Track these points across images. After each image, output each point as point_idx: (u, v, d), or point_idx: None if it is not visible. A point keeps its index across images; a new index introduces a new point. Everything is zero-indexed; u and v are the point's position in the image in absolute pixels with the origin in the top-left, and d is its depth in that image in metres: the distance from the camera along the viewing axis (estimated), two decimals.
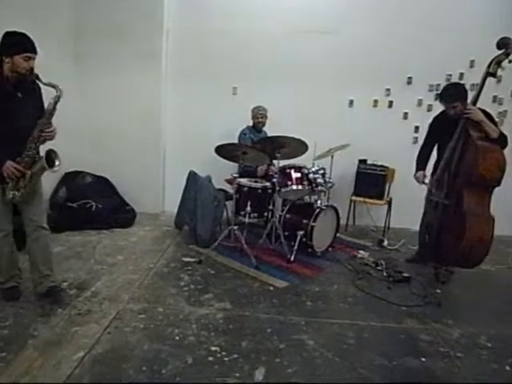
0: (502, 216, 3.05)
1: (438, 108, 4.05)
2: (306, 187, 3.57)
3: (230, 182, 3.84)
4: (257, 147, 3.45)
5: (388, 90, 4.66)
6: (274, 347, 2.21)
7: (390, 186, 4.59)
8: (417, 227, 3.57)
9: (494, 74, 2.88)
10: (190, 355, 2.07)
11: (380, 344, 2.33)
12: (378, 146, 4.57)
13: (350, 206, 4.61)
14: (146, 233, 4.00)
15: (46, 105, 2.39)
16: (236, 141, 4.17)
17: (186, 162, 4.28)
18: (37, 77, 2.29)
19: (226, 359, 2.07)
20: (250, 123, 4.34)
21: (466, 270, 3.19)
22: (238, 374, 1.96)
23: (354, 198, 4.51)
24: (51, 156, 2.33)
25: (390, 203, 4.46)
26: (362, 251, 3.80)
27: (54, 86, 2.34)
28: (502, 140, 2.93)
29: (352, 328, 2.47)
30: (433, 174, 3.30)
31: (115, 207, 4.17)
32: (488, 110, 3.05)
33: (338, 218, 3.84)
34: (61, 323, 2.25)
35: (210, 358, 2.06)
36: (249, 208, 3.53)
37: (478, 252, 2.82)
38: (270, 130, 4.39)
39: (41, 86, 2.38)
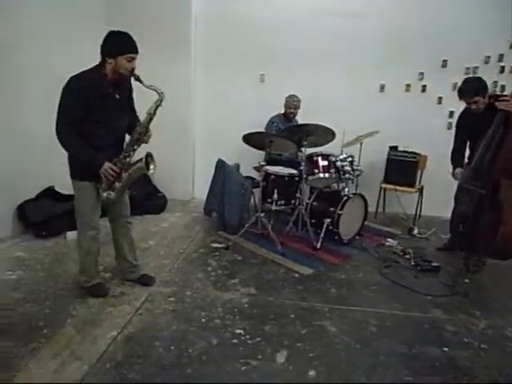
0: None
1: None
2: (333, 175, 3.56)
3: (257, 169, 3.89)
4: (283, 135, 3.46)
5: (421, 73, 4.50)
6: (296, 332, 2.27)
7: (421, 174, 4.48)
8: (449, 215, 3.49)
9: None
10: (215, 337, 2.18)
11: (402, 332, 2.34)
12: (411, 132, 4.46)
13: (380, 193, 4.54)
14: (177, 219, 4.15)
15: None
16: (263, 128, 4.19)
17: (215, 149, 4.31)
18: (138, 78, 2.28)
19: (249, 342, 2.16)
20: (281, 111, 4.30)
21: (498, 261, 3.11)
22: (260, 357, 2.04)
23: (384, 185, 4.44)
24: (148, 159, 2.37)
25: (421, 191, 4.37)
26: (390, 239, 3.77)
27: (155, 90, 2.32)
28: None
29: (375, 316, 2.49)
30: (468, 163, 3.21)
31: (148, 194, 4.33)
32: None
33: (366, 206, 3.81)
34: (96, 304, 2.42)
35: (234, 341, 2.16)
36: (276, 195, 3.57)
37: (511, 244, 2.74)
38: (299, 117, 4.38)
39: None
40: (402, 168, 4.31)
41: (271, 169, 3.68)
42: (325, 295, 2.73)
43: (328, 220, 3.53)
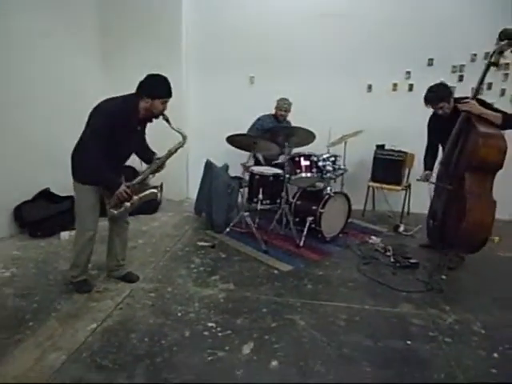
0: None
1: (461, 90, 4.01)
2: (315, 174, 3.66)
3: (245, 168, 4.01)
4: (266, 137, 3.58)
5: (408, 72, 4.57)
6: (266, 325, 2.39)
7: (409, 172, 4.55)
8: None
9: (496, 64, 2.93)
10: (188, 329, 2.32)
11: (370, 326, 2.44)
12: (399, 130, 4.52)
13: (368, 191, 4.62)
14: (168, 218, 4.31)
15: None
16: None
17: (208, 150, 4.45)
18: (167, 120, 2.54)
19: (219, 334, 2.29)
20: (272, 112, 4.41)
21: (479, 257, 3.20)
22: (227, 348, 2.17)
23: (371, 183, 4.52)
24: (161, 188, 2.69)
25: (409, 189, 4.44)
26: (373, 237, 3.85)
27: (181, 133, 2.61)
28: (509, 122, 2.91)
29: (345, 311, 2.60)
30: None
31: (155, 200, 4.47)
32: (482, 98, 3.11)
33: (349, 205, 3.90)
34: (81, 299, 2.58)
35: (206, 333, 2.29)
36: (261, 195, 3.70)
37: (478, 234, 2.84)
38: (290, 117, 4.49)
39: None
40: (389, 166, 4.38)
41: (256, 169, 3.80)
42: (300, 291, 2.84)
43: (310, 218, 3.63)
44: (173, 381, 1.90)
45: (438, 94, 3.13)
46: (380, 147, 4.51)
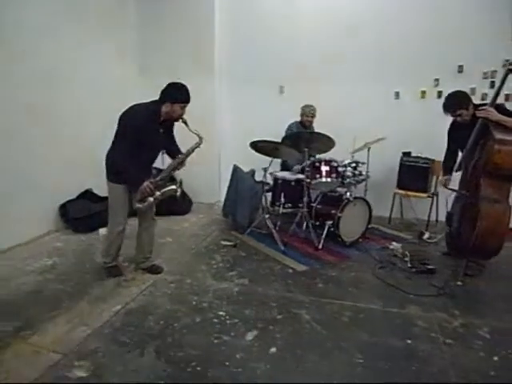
0: None
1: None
2: (335, 180, 3.77)
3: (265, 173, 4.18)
4: (287, 143, 3.75)
5: (436, 80, 4.55)
6: (271, 317, 2.56)
7: (436, 179, 4.50)
8: None
9: None
10: (200, 316, 2.54)
11: (372, 324, 2.52)
12: (426, 138, 4.50)
13: (394, 198, 4.63)
14: (198, 220, 4.60)
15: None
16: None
17: (240, 156, 4.64)
18: (185, 122, 2.84)
19: (228, 322, 2.49)
20: (298, 119, 4.60)
21: (504, 266, 3.25)
22: (233, 334, 2.36)
23: (396, 190, 4.53)
24: (180, 185, 2.97)
25: (436, 196, 4.40)
26: (394, 243, 3.86)
27: (197, 135, 2.90)
28: None
29: (351, 309, 2.69)
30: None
31: (175, 197, 4.82)
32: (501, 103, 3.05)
33: (370, 210, 3.95)
34: (110, 285, 2.90)
35: (215, 320, 2.51)
36: (282, 199, 3.88)
37: (491, 241, 2.80)
38: (316, 124, 4.64)
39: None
40: (415, 174, 4.38)
41: (279, 174, 4.00)
42: (310, 289, 2.97)
43: (330, 222, 3.74)
44: (178, 357, 2.13)
45: (455, 102, 3.13)
46: (406, 154, 4.52)
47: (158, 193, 2.84)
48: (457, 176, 3.42)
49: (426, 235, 4.12)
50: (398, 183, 4.53)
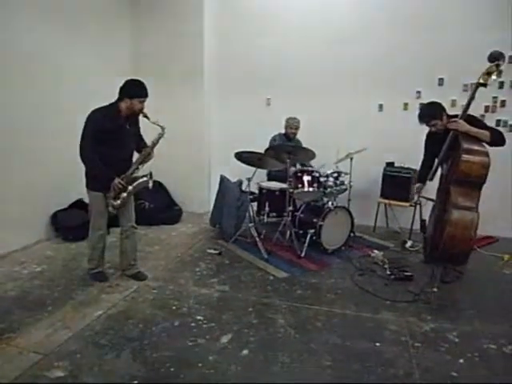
0: None
1: (474, 108, 4.09)
2: (317, 189, 3.89)
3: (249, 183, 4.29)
4: (270, 154, 3.88)
5: (418, 92, 4.70)
6: (247, 321, 2.65)
7: None
8: None
9: (484, 85, 3.02)
10: (178, 320, 2.64)
11: (343, 328, 2.61)
12: (409, 148, 4.61)
13: (378, 208, 4.73)
14: (187, 229, 4.71)
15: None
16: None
17: (229, 166, 4.74)
18: (146, 115, 2.99)
19: (204, 326, 2.58)
20: (283, 131, 4.75)
21: (482, 273, 3.38)
22: (208, 337, 2.45)
23: (380, 199, 4.64)
24: (151, 176, 3.08)
25: (419, 205, 4.49)
26: (376, 251, 3.95)
27: (159, 125, 3.04)
28: (497, 139, 3.01)
29: (326, 314, 2.78)
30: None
31: (165, 207, 4.96)
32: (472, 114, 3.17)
33: (352, 219, 4.05)
34: (94, 292, 3.00)
35: (193, 324, 2.60)
36: (267, 208, 4.01)
37: (458, 247, 2.88)
38: (302, 136, 4.79)
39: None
40: (397, 183, 4.49)
41: (264, 184, 4.13)
42: (289, 295, 3.06)
43: (312, 231, 3.85)
44: (153, 359, 2.22)
45: (429, 112, 3.26)
46: (389, 164, 4.64)
47: (130, 187, 2.99)
48: (434, 185, 3.54)
49: (409, 243, 4.21)
50: (381, 192, 4.64)
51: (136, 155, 3.15)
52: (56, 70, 4.09)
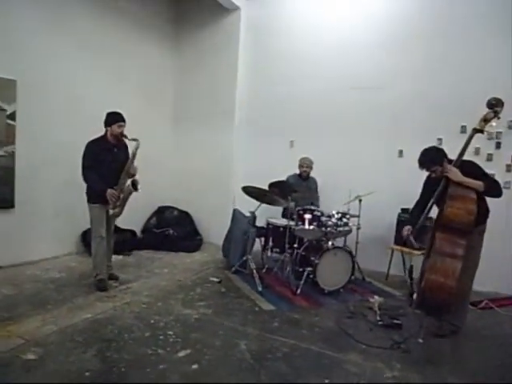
0: None
1: (499, 157, 4.09)
2: (317, 228, 3.97)
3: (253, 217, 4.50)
4: (274, 191, 4.10)
5: (440, 139, 4.63)
6: (211, 343, 2.79)
7: None
8: None
9: (481, 131, 3.00)
10: (150, 332, 2.87)
11: (301, 361, 2.62)
12: None
13: (393, 254, 4.61)
14: (202, 257, 5.00)
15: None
16: None
17: (252, 201, 5.10)
18: (124, 136, 3.65)
19: (170, 340, 2.79)
20: (297, 171, 4.97)
21: (485, 330, 3.24)
22: (168, 349, 2.65)
23: (393, 246, 4.53)
24: (135, 183, 3.63)
25: None
26: (376, 296, 3.85)
27: (134, 139, 3.62)
28: (492, 190, 2.91)
29: (291, 347, 2.81)
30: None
31: (186, 235, 5.35)
32: (471, 160, 3.08)
33: (353, 262, 4.02)
34: (92, 299, 3.39)
35: (161, 337, 2.81)
36: (270, 243, 4.18)
37: (438, 295, 2.74)
38: (320, 177, 4.96)
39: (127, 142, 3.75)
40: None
41: (271, 220, 4.32)
42: (264, 326, 3.14)
43: (309, 268, 3.90)
44: (112, 358, 2.47)
45: (429, 158, 3.20)
46: (405, 210, 4.55)
47: (122, 195, 3.53)
48: None
49: (416, 294, 4.01)
50: (395, 239, 4.53)
51: None
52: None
